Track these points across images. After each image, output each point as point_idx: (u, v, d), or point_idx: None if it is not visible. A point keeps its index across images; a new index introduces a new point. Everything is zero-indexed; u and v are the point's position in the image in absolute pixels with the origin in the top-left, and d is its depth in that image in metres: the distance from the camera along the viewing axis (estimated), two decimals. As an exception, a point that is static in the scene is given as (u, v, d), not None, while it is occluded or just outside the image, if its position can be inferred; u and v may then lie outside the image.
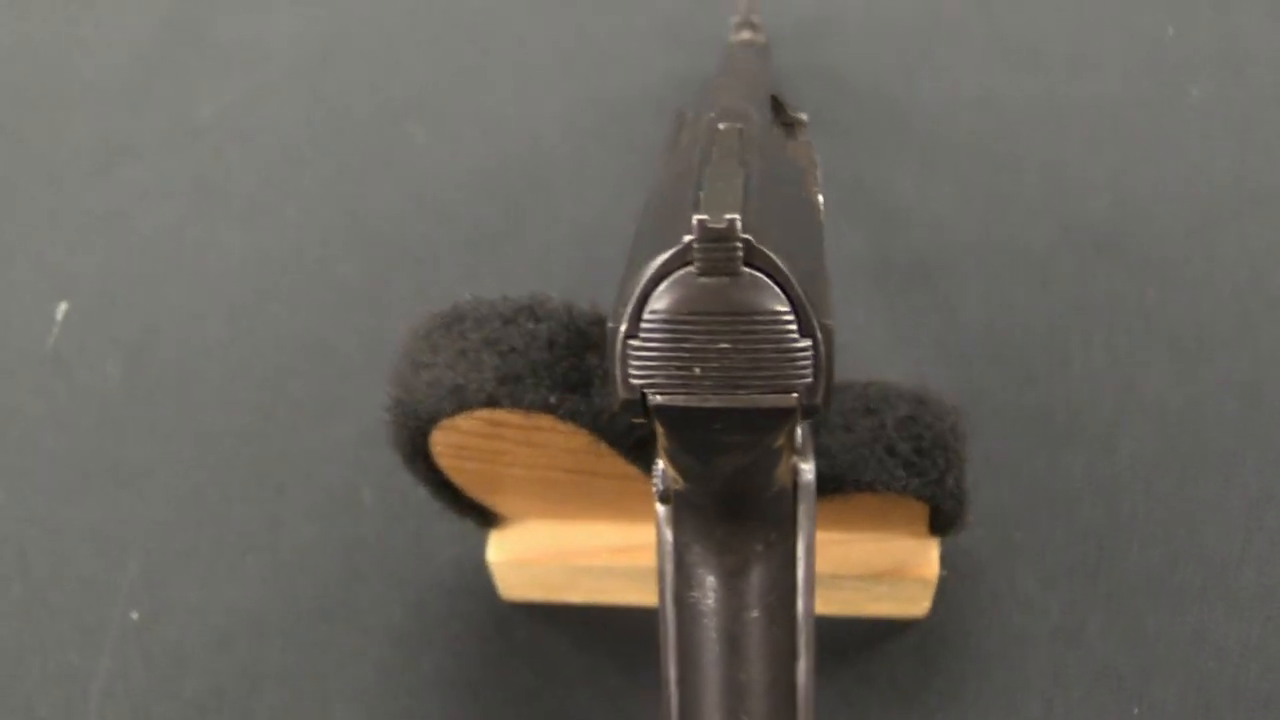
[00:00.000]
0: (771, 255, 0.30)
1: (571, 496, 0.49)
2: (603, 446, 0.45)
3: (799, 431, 0.38)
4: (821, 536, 0.49)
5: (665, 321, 0.30)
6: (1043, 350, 0.57)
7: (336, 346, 0.60)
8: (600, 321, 0.45)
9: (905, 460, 0.45)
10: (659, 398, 0.31)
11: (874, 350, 0.57)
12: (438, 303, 0.45)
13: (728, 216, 0.29)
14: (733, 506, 0.37)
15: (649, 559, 0.50)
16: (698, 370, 0.30)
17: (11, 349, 0.61)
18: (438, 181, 0.64)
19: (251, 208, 0.64)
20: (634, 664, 0.52)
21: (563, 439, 0.45)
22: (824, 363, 0.30)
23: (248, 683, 0.53)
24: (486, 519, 0.51)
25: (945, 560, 0.51)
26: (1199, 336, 0.57)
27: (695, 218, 0.29)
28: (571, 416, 0.43)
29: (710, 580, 0.39)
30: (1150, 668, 0.51)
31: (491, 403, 0.43)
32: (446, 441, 0.45)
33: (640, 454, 0.45)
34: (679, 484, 0.36)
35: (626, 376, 0.31)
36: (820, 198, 0.45)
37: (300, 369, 0.60)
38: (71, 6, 0.73)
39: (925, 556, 0.50)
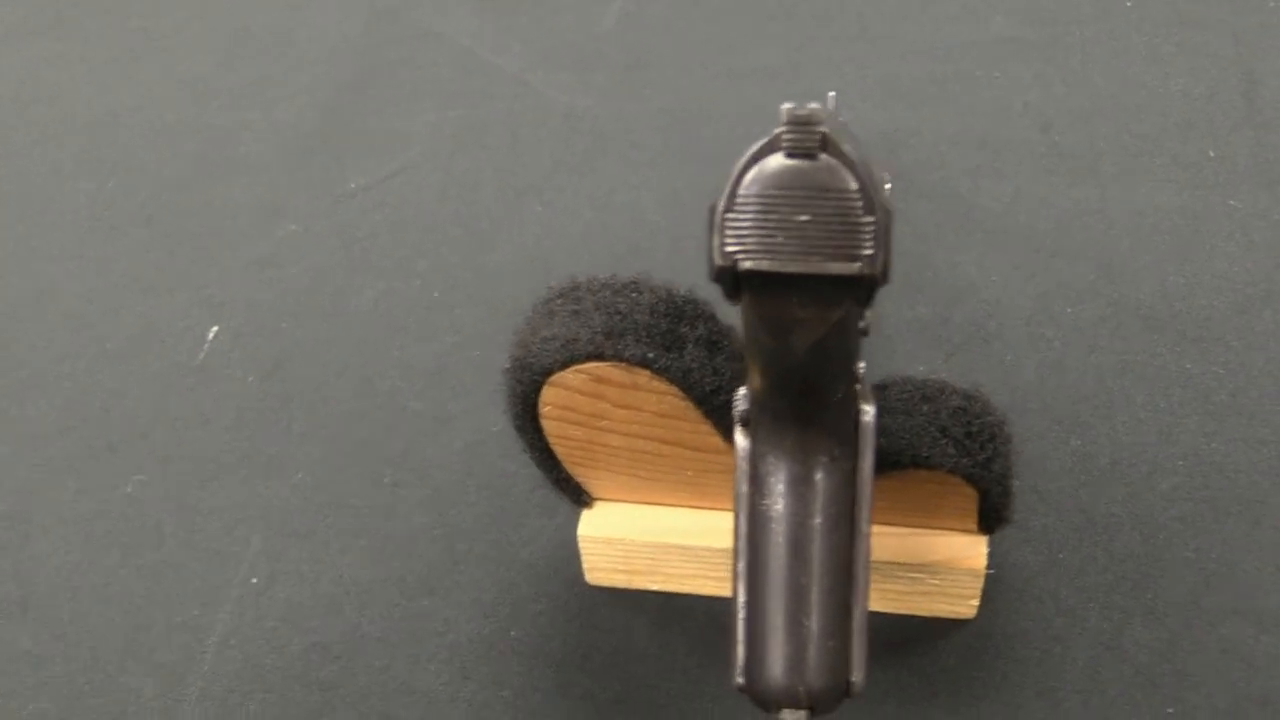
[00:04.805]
0: (842, 145, 0.37)
1: (658, 473, 0.55)
2: (690, 410, 0.51)
3: (861, 369, 0.45)
4: (879, 529, 0.54)
5: (756, 197, 0.37)
6: (1089, 405, 0.63)
7: (453, 373, 0.68)
8: (694, 301, 0.52)
9: (956, 440, 0.51)
10: (748, 263, 0.37)
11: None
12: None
13: (810, 106, 0.36)
14: (804, 411, 0.43)
15: (723, 543, 0.56)
16: (780, 239, 0.37)
17: (165, 360, 0.70)
18: (549, 245, 0.73)
19: (386, 260, 0.73)
20: (706, 645, 0.57)
21: (655, 401, 0.51)
22: (883, 237, 0.37)
23: (351, 643, 0.58)
24: (579, 497, 0.57)
25: (994, 574, 0.57)
26: (1233, 400, 0.63)
27: (783, 106, 0.37)
28: (665, 372, 0.50)
29: (780, 488, 0.44)
30: (1184, 674, 0.55)
31: (598, 354, 0.50)
32: (555, 401, 0.52)
33: (720, 416, 0.51)
34: (759, 386, 0.43)
35: (722, 245, 0.38)
36: (888, 185, 0.52)
37: (419, 390, 0.67)
38: (240, 97, 0.84)
39: (974, 550, 0.55)
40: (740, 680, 0.46)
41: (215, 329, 0.71)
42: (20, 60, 0.88)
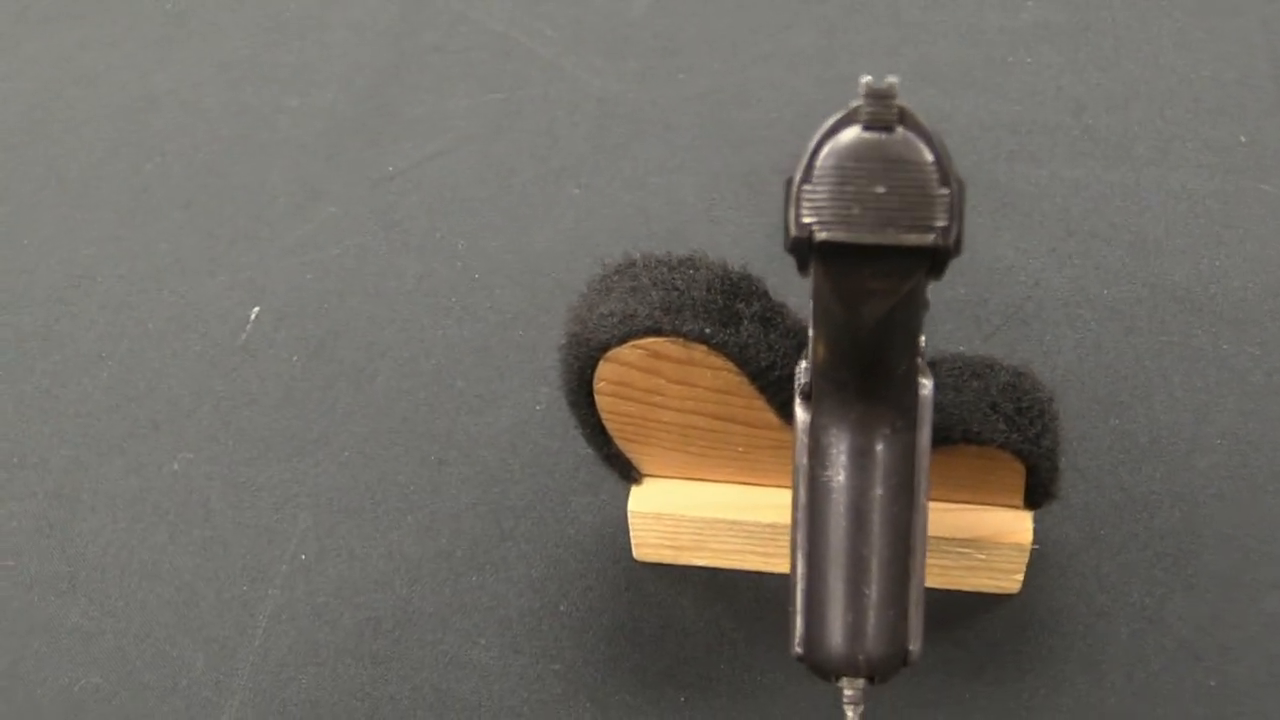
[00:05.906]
0: (919, 118, 0.38)
1: (708, 449, 0.56)
2: (744, 385, 0.52)
3: (922, 342, 0.46)
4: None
5: (833, 168, 0.38)
6: (1127, 384, 0.64)
7: (497, 352, 0.68)
8: (748, 277, 0.53)
9: (1007, 416, 0.52)
10: (823, 233, 0.38)
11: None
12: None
13: (889, 79, 0.37)
14: (869, 383, 0.44)
15: (770, 518, 0.57)
16: (856, 210, 0.38)
17: (209, 341, 0.70)
18: (589, 226, 0.74)
19: (426, 242, 0.74)
20: (753, 620, 0.58)
21: (710, 376, 0.52)
22: (957, 210, 0.38)
23: (403, 617, 0.59)
24: (628, 473, 0.58)
25: (1038, 550, 0.57)
26: (1268, 380, 0.64)
27: (862, 79, 0.37)
28: (722, 347, 0.50)
29: (842, 459, 0.45)
30: (1225, 648, 0.56)
31: (656, 329, 0.50)
32: (610, 376, 0.53)
33: (775, 391, 0.52)
34: (824, 358, 0.43)
35: (798, 217, 0.38)
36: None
37: (464, 369, 0.68)
38: (276, 81, 0.84)
39: (1020, 526, 0.56)
40: (799, 650, 0.46)
41: (257, 310, 0.71)
42: (57, 44, 0.89)
